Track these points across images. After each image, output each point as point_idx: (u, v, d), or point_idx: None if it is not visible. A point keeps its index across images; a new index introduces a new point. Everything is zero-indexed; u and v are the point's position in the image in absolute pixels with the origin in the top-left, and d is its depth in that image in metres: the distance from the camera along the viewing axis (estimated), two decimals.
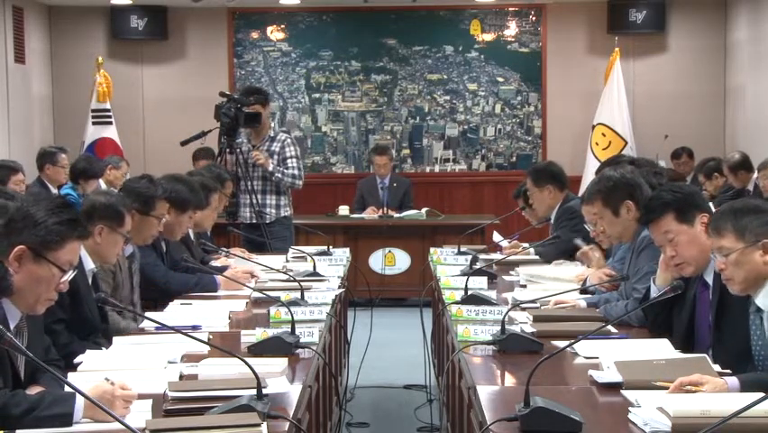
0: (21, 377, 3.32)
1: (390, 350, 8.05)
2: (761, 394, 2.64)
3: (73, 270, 3.39)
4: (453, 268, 6.06)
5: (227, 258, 6.55)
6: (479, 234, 8.60)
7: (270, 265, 6.01)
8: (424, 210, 10.34)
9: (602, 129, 11.68)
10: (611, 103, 11.68)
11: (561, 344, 3.83)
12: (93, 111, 11.35)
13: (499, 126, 12.35)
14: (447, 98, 12.35)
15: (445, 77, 12.32)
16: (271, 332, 4.04)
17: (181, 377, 3.58)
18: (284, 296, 4.89)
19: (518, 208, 7.35)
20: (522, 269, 5.86)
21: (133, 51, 12.26)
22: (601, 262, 5.65)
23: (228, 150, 8.19)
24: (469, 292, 4.95)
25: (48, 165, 9.23)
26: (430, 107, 12.37)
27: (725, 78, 12.09)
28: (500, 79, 12.29)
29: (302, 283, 5.07)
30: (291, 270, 6.02)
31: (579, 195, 6.91)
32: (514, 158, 12.38)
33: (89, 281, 4.42)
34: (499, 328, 4.07)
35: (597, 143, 11.65)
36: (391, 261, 10.11)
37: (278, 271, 5.83)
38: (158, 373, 3.54)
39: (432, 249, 7.08)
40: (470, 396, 3.66)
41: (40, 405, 3.02)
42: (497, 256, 6.68)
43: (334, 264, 6.49)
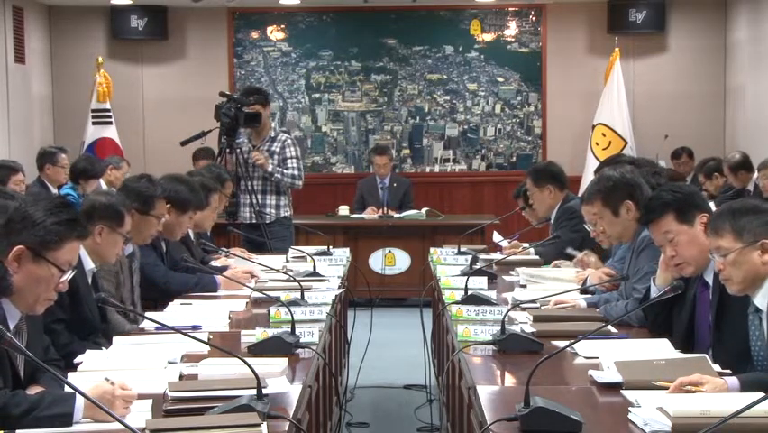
0: (20, 377, 3.32)
1: (390, 350, 8.05)
2: (761, 394, 2.64)
3: (72, 270, 3.39)
4: (453, 268, 6.06)
5: (227, 258, 6.55)
6: (479, 234, 8.60)
7: (270, 265, 6.00)
8: (424, 210, 10.34)
9: (602, 129, 11.68)
10: (611, 103, 11.68)
11: (561, 344, 3.83)
12: (93, 111, 11.35)
13: (499, 126, 12.35)
14: (447, 98, 12.34)
15: (445, 77, 12.31)
16: (271, 332, 4.04)
17: (181, 377, 3.57)
18: (284, 296, 4.89)
19: (518, 208, 7.36)
20: (522, 270, 5.85)
21: (133, 51, 12.26)
22: (598, 263, 5.65)
23: (228, 150, 8.19)
24: (469, 292, 4.95)
25: (48, 165, 9.23)
26: (430, 107, 12.37)
27: (725, 78, 12.09)
28: (500, 79, 12.29)
29: (302, 283, 5.07)
30: (291, 270, 6.02)
31: (579, 195, 6.91)
32: (514, 158, 12.38)
33: (89, 281, 4.42)
34: (499, 328, 4.06)
35: (597, 143, 11.65)
36: (391, 261, 10.11)
37: (278, 271, 5.83)
38: (158, 373, 3.54)
39: (432, 249, 7.08)
40: (470, 396, 3.66)
41: (40, 405, 3.02)
42: (497, 256, 6.68)
43: (334, 264, 6.49)
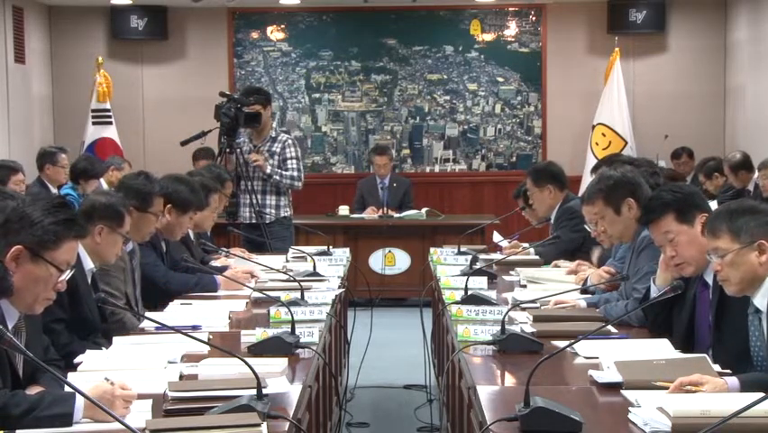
0: (20, 377, 3.32)
1: (390, 350, 8.04)
2: (761, 394, 2.64)
3: (71, 269, 3.39)
4: (453, 268, 6.06)
5: (227, 258, 6.55)
6: (479, 234, 8.60)
7: (270, 265, 6.00)
8: (424, 210, 10.34)
9: (602, 129, 11.68)
10: (611, 103, 11.68)
11: (561, 344, 3.83)
12: (93, 111, 11.35)
13: (499, 126, 12.35)
14: (447, 98, 12.34)
15: (445, 77, 12.31)
16: (271, 332, 4.04)
17: (181, 377, 3.57)
18: (284, 296, 4.89)
19: (518, 208, 7.35)
20: (522, 270, 5.85)
21: (133, 51, 12.26)
22: (593, 267, 5.65)
23: (228, 150, 8.19)
24: (469, 292, 4.95)
25: (48, 165, 9.23)
26: (430, 107, 12.37)
27: (725, 78, 12.09)
28: (500, 79, 12.28)
29: (302, 283, 5.07)
30: (291, 270, 6.02)
31: (579, 195, 6.91)
32: (514, 158, 12.38)
33: (89, 281, 4.42)
34: (499, 328, 4.06)
35: (597, 143, 11.65)
36: (391, 261, 10.11)
37: (278, 271, 5.83)
38: (158, 373, 3.54)
39: (432, 249, 7.07)
40: (470, 396, 3.66)
41: (39, 405, 3.02)
42: (497, 256, 6.68)
43: (334, 264, 6.49)
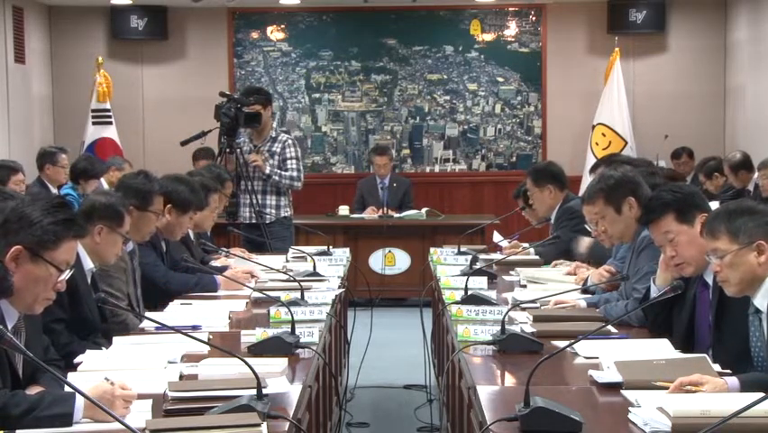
0: (20, 377, 3.32)
1: (390, 350, 8.04)
2: (761, 394, 2.64)
3: (70, 269, 3.39)
4: (453, 268, 6.06)
5: (227, 258, 6.55)
6: (479, 234, 8.60)
7: (270, 265, 6.00)
8: (424, 210, 10.34)
9: (602, 129, 11.68)
10: (611, 103, 11.68)
11: (561, 344, 3.83)
12: (93, 111, 11.35)
13: (499, 126, 12.35)
14: (447, 98, 12.34)
15: (445, 77, 12.31)
16: (271, 332, 4.04)
17: (181, 377, 3.57)
18: (284, 296, 4.89)
19: (518, 208, 7.35)
20: (522, 270, 5.85)
21: (133, 51, 12.26)
22: (591, 268, 5.64)
23: (228, 150, 8.19)
24: (469, 292, 4.95)
25: (48, 165, 9.23)
26: (430, 107, 12.37)
27: (725, 78, 12.09)
28: (500, 79, 12.28)
29: (302, 283, 5.07)
30: (291, 270, 6.02)
31: (579, 195, 6.90)
32: (514, 158, 12.38)
33: (88, 281, 4.42)
34: (499, 328, 4.06)
35: (597, 143, 11.65)
36: (391, 261, 10.11)
37: (278, 271, 5.83)
38: (158, 373, 3.54)
39: (432, 249, 7.07)
40: (470, 396, 3.66)
41: (39, 405, 3.01)
42: (497, 256, 6.67)
43: (334, 264, 6.49)
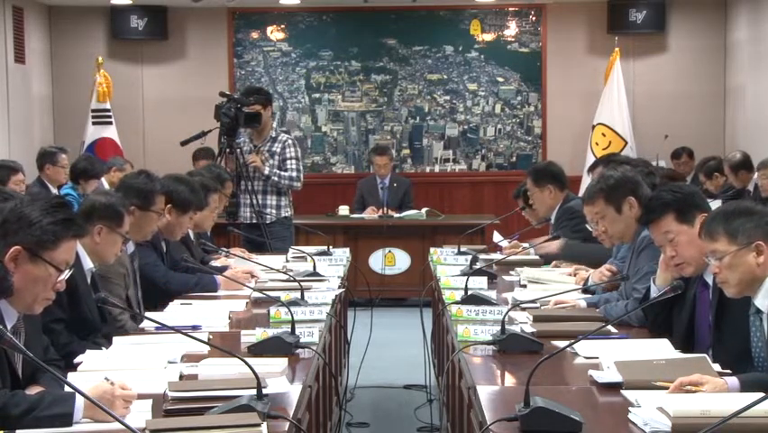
0: (19, 377, 3.31)
1: (390, 350, 8.04)
2: (761, 394, 2.64)
3: (69, 269, 3.39)
4: (453, 268, 6.06)
5: (227, 258, 6.55)
6: (479, 234, 8.60)
7: (270, 265, 6.00)
8: (424, 210, 10.34)
9: (602, 129, 11.68)
10: (611, 103, 11.68)
11: (561, 344, 3.83)
12: (93, 111, 11.35)
13: (499, 126, 12.35)
14: (447, 98, 12.34)
15: (445, 77, 12.31)
16: (271, 332, 4.04)
17: (181, 377, 3.57)
18: (284, 296, 4.89)
19: (518, 208, 7.35)
20: (522, 270, 5.85)
21: (133, 51, 12.26)
22: (591, 269, 5.64)
23: (228, 150, 8.19)
24: (469, 292, 4.95)
25: (48, 165, 9.23)
26: (430, 107, 12.37)
27: (725, 78, 12.09)
28: (500, 79, 12.28)
29: (302, 283, 5.07)
30: (291, 270, 6.02)
31: (579, 195, 6.91)
32: (514, 158, 12.38)
33: (88, 281, 4.42)
34: (499, 328, 4.06)
35: (597, 143, 11.65)
36: (391, 261, 10.11)
37: (278, 271, 5.83)
38: (158, 373, 3.54)
39: (432, 249, 7.07)
40: (470, 396, 3.66)
41: (39, 405, 3.01)
42: (497, 256, 6.67)
43: (334, 264, 6.49)
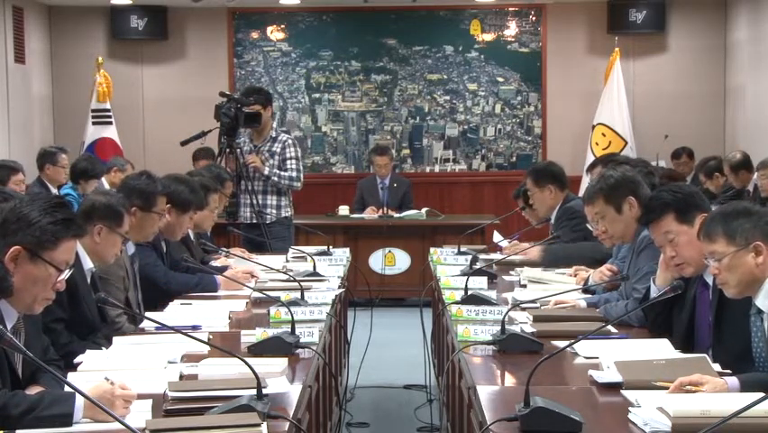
0: (19, 377, 3.31)
1: (390, 350, 8.04)
2: (761, 394, 2.64)
3: (70, 268, 3.39)
4: (453, 268, 6.06)
5: (227, 258, 6.55)
6: (479, 234, 8.60)
7: (270, 265, 6.00)
8: (424, 210, 10.34)
9: (602, 129, 11.68)
10: (611, 103, 11.68)
11: (561, 344, 3.83)
12: (93, 111, 11.35)
13: (499, 126, 12.35)
14: (447, 98, 12.34)
15: (445, 77, 12.31)
16: (271, 332, 4.04)
17: (181, 377, 3.57)
18: (284, 296, 4.89)
19: (518, 208, 7.34)
20: (522, 270, 5.86)
21: (133, 51, 12.26)
22: (590, 270, 5.64)
23: (228, 150, 8.18)
24: (469, 292, 4.95)
25: (48, 165, 9.23)
26: (430, 107, 12.37)
27: (725, 78, 12.09)
28: (500, 79, 12.28)
29: (302, 283, 5.07)
30: (291, 270, 6.02)
31: (579, 195, 6.90)
32: (514, 158, 12.38)
33: (88, 281, 4.42)
34: (499, 328, 4.06)
35: (597, 143, 11.65)
36: (391, 261, 10.11)
37: (278, 271, 5.83)
38: (158, 373, 3.54)
39: (432, 249, 7.07)
40: (470, 396, 3.66)
41: (39, 405, 3.01)
42: (497, 256, 6.67)
43: (334, 264, 6.49)
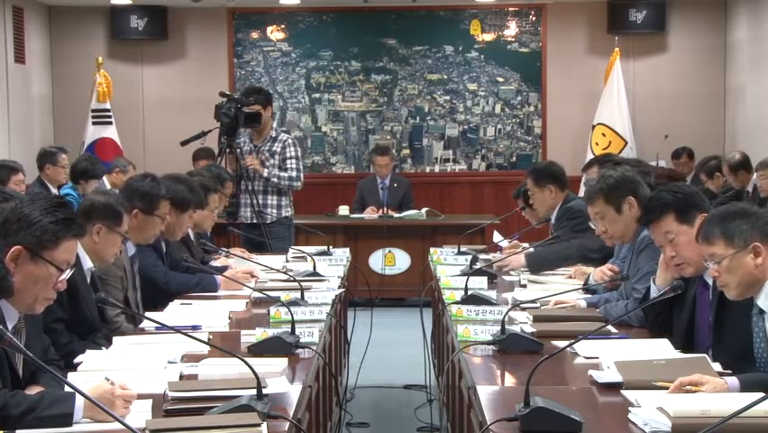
0: (20, 377, 3.31)
1: (390, 350, 8.04)
2: (761, 394, 2.64)
3: (70, 268, 3.39)
4: (453, 268, 6.06)
5: (227, 258, 6.55)
6: (479, 234, 8.60)
7: (270, 265, 6.00)
8: (424, 210, 10.34)
9: (602, 129, 11.68)
10: (611, 103, 11.68)
11: (561, 344, 3.83)
12: (93, 111, 11.35)
13: (499, 126, 12.35)
14: (447, 98, 12.34)
15: (445, 77, 12.31)
16: (271, 332, 4.04)
17: (181, 377, 3.58)
18: (284, 296, 4.89)
19: (518, 208, 7.34)
20: (522, 270, 5.86)
21: (133, 51, 12.26)
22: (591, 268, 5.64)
23: (228, 150, 8.19)
24: (469, 292, 4.95)
25: (48, 165, 9.23)
26: (430, 107, 12.37)
27: (725, 78, 12.09)
28: (500, 79, 12.28)
29: (302, 283, 5.07)
30: (291, 270, 6.02)
31: (579, 195, 6.91)
32: (514, 158, 12.38)
33: (88, 281, 4.42)
34: (499, 328, 4.06)
35: (597, 143, 11.65)
36: (391, 261, 10.10)
37: (278, 271, 5.83)
38: (158, 373, 3.54)
39: (432, 249, 7.07)
40: (470, 396, 3.66)
41: (39, 405, 3.01)
42: (497, 256, 6.67)
43: (334, 264, 6.49)
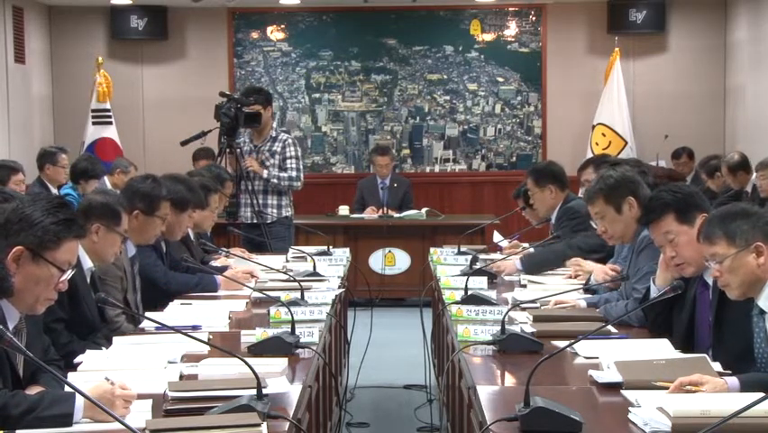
0: (20, 377, 3.31)
1: (390, 350, 8.04)
2: (761, 394, 2.64)
3: (72, 269, 3.39)
4: (453, 268, 6.06)
5: (227, 258, 6.55)
6: (479, 234, 8.60)
7: (270, 265, 6.00)
8: (424, 210, 10.33)
9: (602, 129, 11.68)
10: (611, 103, 11.68)
11: (561, 344, 3.83)
12: (93, 111, 11.35)
13: (499, 126, 12.35)
14: (447, 98, 12.34)
15: (445, 77, 12.31)
16: (271, 332, 4.04)
17: (181, 377, 3.58)
18: (284, 296, 4.89)
19: (518, 208, 7.34)
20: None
21: (133, 51, 12.26)
22: (592, 265, 5.64)
23: (228, 150, 8.19)
24: (469, 292, 4.95)
25: (48, 165, 9.23)
26: (430, 107, 12.37)
27: (725, 78, 12.09)
28: (500, 79, 12.28)
29: (302, 283, 5.07)
30: (291, 270, 6.02)
31: (579, 195, 6.91)
32: (514, 158, 12.38)
33: (88, 281, 4.42)
34: (499, 328, 4.06)
35: (597, 143, 11.65)
36: (391, 261, 10.10)
37: (278, 271, 5.83)
38: (158, 373, 3.54)
39: (432, 249, 7.08)
40: (470, 396, 3.66)
41: (39, 405, 3.01)
42: (497, 256, 6.67)
43: (334, 264, 6.49)
